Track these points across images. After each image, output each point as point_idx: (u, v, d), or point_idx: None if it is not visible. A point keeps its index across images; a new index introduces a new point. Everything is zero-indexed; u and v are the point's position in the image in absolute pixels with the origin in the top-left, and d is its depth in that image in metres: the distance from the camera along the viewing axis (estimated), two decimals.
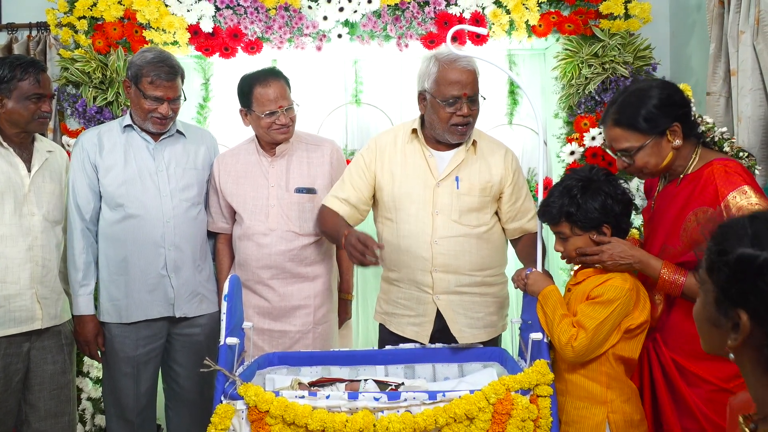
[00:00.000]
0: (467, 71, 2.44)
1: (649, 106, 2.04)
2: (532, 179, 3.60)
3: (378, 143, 2.62)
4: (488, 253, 2.54)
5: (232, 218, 2.86)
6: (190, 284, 2.77)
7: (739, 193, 1.92)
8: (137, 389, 2.78)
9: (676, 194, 2.10)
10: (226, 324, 2.09)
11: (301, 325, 2.76)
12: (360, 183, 2.58)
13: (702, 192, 2.00)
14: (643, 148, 2.06)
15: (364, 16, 3.29)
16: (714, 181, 1.97)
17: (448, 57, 2.44)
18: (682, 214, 2.04)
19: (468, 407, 1.91)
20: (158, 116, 2.68)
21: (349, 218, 2.57)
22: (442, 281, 2.49)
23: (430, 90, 2.46)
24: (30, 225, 2.55)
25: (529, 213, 2.59)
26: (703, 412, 2.00)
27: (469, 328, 2.51)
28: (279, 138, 2.73)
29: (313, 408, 1.93)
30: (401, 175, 2.54)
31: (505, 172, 2.56)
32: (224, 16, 3.28)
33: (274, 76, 2.72)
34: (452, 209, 2.49)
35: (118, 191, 2.70)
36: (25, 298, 2.51)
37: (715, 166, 2.00)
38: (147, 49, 2.78)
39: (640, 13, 3.25)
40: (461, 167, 2.52)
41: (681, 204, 2.06)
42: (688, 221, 2.01)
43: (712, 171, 2.00)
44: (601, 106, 3.28)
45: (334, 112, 3.66)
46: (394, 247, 2.53)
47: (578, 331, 2.03)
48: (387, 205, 2.56)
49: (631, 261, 2.05)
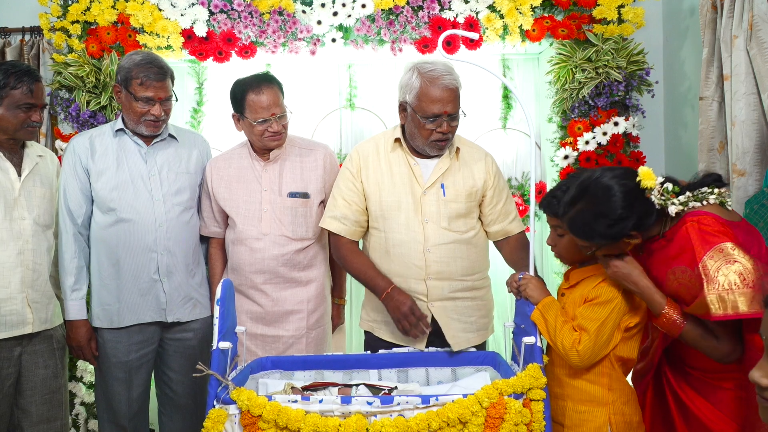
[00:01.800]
0: (449, 89, 2.42)
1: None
2: (526, 183, 3.61)
3: (360, 153, 2.62)
4: (476, 257, 2.57)
5: (224, 222, 2.85)
6: (183, 289, 2.76)
7: (716, 252, 1.84)
8: (130, 394, 2.77)
9: (655, 250, 2.05)
10: (219, 328, 2.08)
11: (294, 330, 2.75)
12: (352, 195, 2.58)
13: (680, 253, 1.94)
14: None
15: (358, 20, 3.29)
16: (690, 242, 1.90)
17: (431, 73, 2.43)
18: (662, 271, 1.99)
19: (461, 411, 1.91)
20: (151, 118, 2.68)
21: (351, 235, 2.58)
22: (436, 288, 2.49)
23: (411, 104, 2.47)
24: (20, 229, 2.54)
25: (511, 215, 2.63)
26: (696, 406, 2.03)
27: (464, 332, 2.51)
28: (271, 145, 2.73)
29: (306, 412, 1.93)
30: (388, 184, 2.55)
31: (487, 176, 2.59)
32: (218, 20, 3.28)
33: (268, 83, 2.70)
34: (440, 216, 2.50)
35: (110, 195, 2.69)
36: (16, 302, 2.50)
37: (689, 224, 1.92)
38: (134, 53, 2.77)
39: (633, 18, 3.26)
40: (446, 174, 2.53)
41: (661, 260, 2.01)
42: (668, 279, 1.97)
43: (687, 230, 1.92)
44: (595, 111, 3.29)
45: (328, 117, 3.66)
46: (383, 257, 2.54)
47: (581, 334, 2.04)
48: (374, 215, 2.57)
49: (633, 288, 2.01)
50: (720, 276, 1.82)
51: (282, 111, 2.70)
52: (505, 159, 3.65)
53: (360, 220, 2.59)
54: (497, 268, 3.33)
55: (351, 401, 1.95)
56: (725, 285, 1.82)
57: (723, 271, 1.82)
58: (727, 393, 1.99)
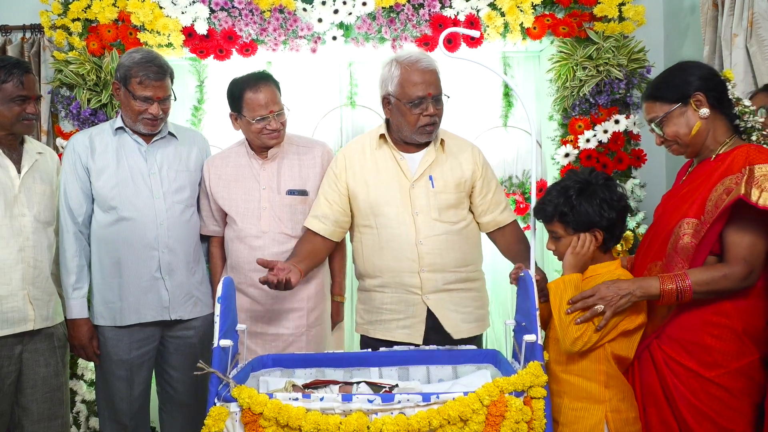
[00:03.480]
0: (429, 71, 2.47)
1: (671, 77, 2.16)
2: (527, 181, 3.61)
3: (345, 154, 2.66)
4: (469, 249, 2.59)
5: (223, 221, 2.85)
6: (184, 287, 2.77)
7: (767, 166, 1.96)
8: (131, 392, 2.77)
9: (707, 170, 2.12)
10: (220, 326, 2.08)
11: (294, 328, 2.75)
12: (333, 195, 2.62)
13: (730, 166, 2.04)
14: (668, 117, 2.13)
15: (358, 18, 3.29)
16: (744, 155, 2.02)
17: (409, 59, 2.48)
18: (710, 186, 2.06)
19: (462, 409, 1.91)
20: (149, 117, 2.67)
21: (330, 235, 2.64)
22: (429, 281, 2.51)
23: (394, 93, 2.50)
24: (21, 226, 2.54)
25: (501, 205, 2.64)
26: (692, 403, 2.04)
27: (463, 323, 2.54)
28: (270, 143, 2.73)
29: (307, 410, 1.92)
30: (375, 180, 2.57)
31: (475, 166, 2.61)
32: (219, 18, 3.28)
33: (265, 81, 2.69)
34: (431, 208, 2.52)
35: (111, 194, 2.69)
36: (17, 299, 2.50)
37: (749, 146, 2.06)
38: (134, 50, 2.76)
39: (634, 16, 3.26)
40: (433, 166, 2.56)
41: (711, 177, 2.08)
42: (715, 191, 2.03)
43: (745, 149, 2.05)
44: (596, 109, 3.29)
45: (328, 114, 3.66)
46: (376, 254, 2.55)
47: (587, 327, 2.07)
48: (364, 213, 2.58)
49: (629, 294, 2.03)
50: (764, 180, 1.93)
51: (280, 108, 2.69)
52: (506, 157, 3.65)
53: (340, 220, 2.63)
54: (496, 266, 3.34)
55: (352, 399, 1.95)
56: (763, 181, 1.93)
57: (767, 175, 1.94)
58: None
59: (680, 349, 2.08)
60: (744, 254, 1.98)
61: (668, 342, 2.11)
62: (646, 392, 2.14)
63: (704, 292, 1.99)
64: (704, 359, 2.04)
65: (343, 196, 2.61)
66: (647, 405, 2.14)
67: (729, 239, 2.01)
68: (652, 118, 2.17)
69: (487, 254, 2.76)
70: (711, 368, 2.03)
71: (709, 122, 2.11)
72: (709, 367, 2.03)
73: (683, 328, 2.08)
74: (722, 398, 2.02)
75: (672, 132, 2.14)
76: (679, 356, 2.08)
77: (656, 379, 2.11)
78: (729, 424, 2.02)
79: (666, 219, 2.17)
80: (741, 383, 2.03)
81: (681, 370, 2.07)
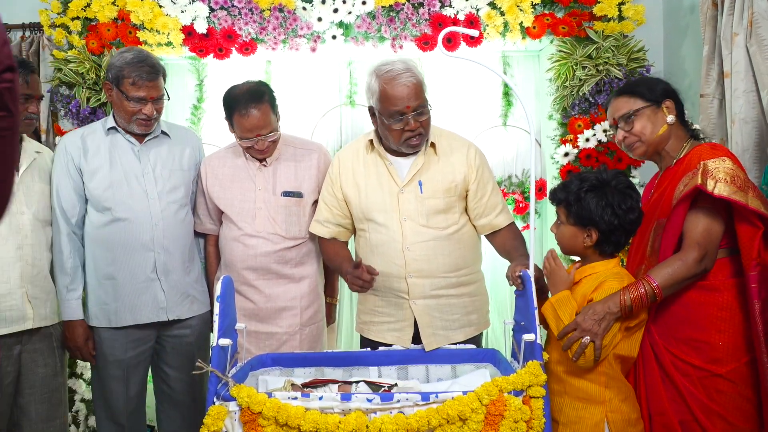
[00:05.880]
0: (408, 85, 2.41)
1: (649, 80, 2.40)
2: (526, 180, 3.61)
3: (340, 158, 2.65)
4: (461, 253, 2.54)
5: (219, 220, 2.85)
6: (181, 286, 2.75)
7: (719, 160, 2.10)
8: (127, 392, 2.76)
9: (671, 175, 2.26)
10: (219, 325, 2.08)
11: (287, 327, 2.75)
12: (332, 200, 2.62)
13: (688, 164, 2.18)
14: (641, 113, 2.28)
15: (358, 17, 3.28)
16: (699, 154, 2.18)
17: (388, 74, 2.43)
18: (673, 186, 2.19)
19: (461, 408, 1.91)
20: (143, 118, 2.65)
21: (336, 236, 2.66)
22: (416, 286, 2.49)
23: (376, 108, 2.48)
24: (19, 224, 2.54)
25: (497, 208, 2.59)
26: (705, 404, 2.06)
27: (443, 330, 2.51)
28: (257, 157, 2.75)
29: (306, 409, 1.93)
30: (365, 185, 2.56)
31: (468, 169, 2.55)
32: (218, 17, 3.27)
33: (256, 104, 2.61)
34: (419, 214, 2.50)
35: (105, 194, 2.67)
36: (16, 298, 2.50)
37: (702, 145, 2.24)
38: (125, 50, 2.72)
39: (633, 15, 3.25)
40: (422, 171, 2.52)
41: (674, 179, 2.21)
42: (677, 189, 2.15)
43: (699, 149, 2.22)
44: (595, 108, 3.29)
45: (328, 114, 3.66)
46: (368, 257, 2.55)
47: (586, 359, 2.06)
48: (357, 217, 2.59)
49: (606, 314, 2.04)
50: (717, 172, 2.08)
51: (270, 129, 2.66)
52: (506, 156, 3.65)
53: (342, 223, 2.64)
54: (495, 266, 3.34)
55: (351, 398, 1.95)
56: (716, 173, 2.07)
57: (719, 168, 2.08)
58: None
59: (688, 349, 2.10)
60: (698, 239, 2.07)
61: (675, 344, 2.12)
62: (651, 398, 2.15)
63: (672, 285, 2.07)
64: (715, 356, 2.06)
65: (341, 201, 2.61)
66: (653, 413, 2.15)
67: (685, 227, 2.12)
68: (624, 112, 2.30)
69: (487, 254, 2.74)
70: (723, 364, 2.05)
71: (673, 129, 2.28)
72: (721, 364, 2.05)
73: (690, 328, 2.09)
74: (734, 395, 2.05)
75: (640, 128, 2.28)
76: (687, 356, 2.09)
77: (662, 389, 2.12)
78: (743, 423, 2.05)
79: (644, 225, 2.23)
80: (753, 378, 2.05)
81: (691, 371, 2.08)
